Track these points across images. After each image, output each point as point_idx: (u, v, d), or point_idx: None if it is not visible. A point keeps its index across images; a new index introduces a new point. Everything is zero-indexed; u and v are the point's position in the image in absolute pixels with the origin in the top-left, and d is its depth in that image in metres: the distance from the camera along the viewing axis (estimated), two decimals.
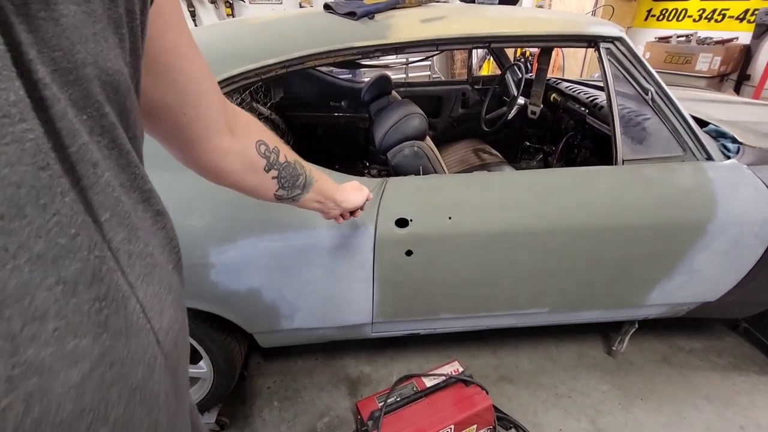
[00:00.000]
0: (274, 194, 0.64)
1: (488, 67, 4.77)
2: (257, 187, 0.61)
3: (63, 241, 0.21)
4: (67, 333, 0.22)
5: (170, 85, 0.43)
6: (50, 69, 0.21)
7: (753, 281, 1.40)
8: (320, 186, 0.73)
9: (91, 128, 0.24)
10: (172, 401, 0.33)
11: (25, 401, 0.20)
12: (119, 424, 0.26)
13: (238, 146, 0.55)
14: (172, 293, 0.33)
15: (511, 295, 1.38)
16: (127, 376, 0.26)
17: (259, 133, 0.59)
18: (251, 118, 0.60)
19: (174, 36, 0.41)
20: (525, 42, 1.32)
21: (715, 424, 1.48)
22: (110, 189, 0.25)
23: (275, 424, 1.50)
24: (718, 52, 3.93)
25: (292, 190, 0.66)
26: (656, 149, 1.30)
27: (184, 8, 3.84)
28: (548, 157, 2.32)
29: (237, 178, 0.57)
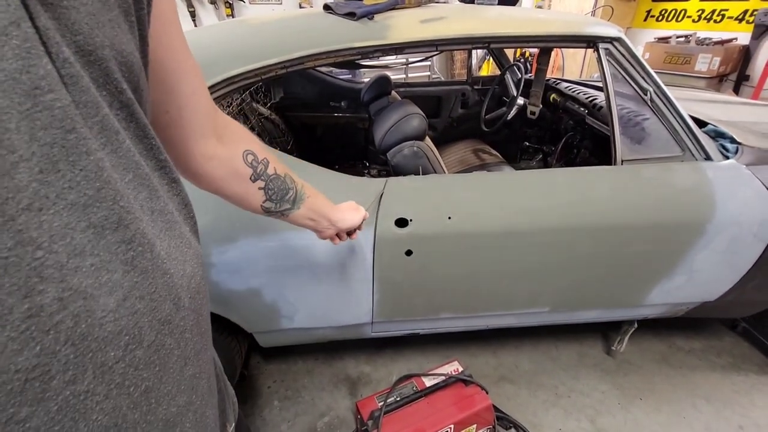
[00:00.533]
0: (261, 205, 0.63)
1: (488, 67, 4.78)
2: (242, 196, 0.60)
3: (90, 192, 0.25)
4: (101, 268, 0.26)
5: (158, 84, 0.43)
6: (73, 50, 0.24)
7: (752, 281, 1.40)
8: (313, 203, 0.72)
9: (111, 102, 0.28)
10: (198, 339, 0.37)
11: (74, 319, 0.25)
12: (153, 349, 0.31)
13: (224, 153, 0.54)
14: (192, 249, 0.37)
15: (510, 295, 1.38)
16: (156, 309, 0.31)
17: (249, 143, 0.58)
18: (243, 129, 0.59)
19: (170, 36, 0.43)
20: (524, 42, 1.32)
21: (714, 424, 1.48)
22: (131, 154, 0.29)
23: (275, 423, 1.50)
24: (718, 52, 3.94)
25: (280, 203, 0.65)
26: (655, 149, 1.31)
27: (184, 8, 3.84)
28: (548, 157, 2.33)
29: (220, 185, 0.57)
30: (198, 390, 0.38)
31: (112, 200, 0.26)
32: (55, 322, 0.24)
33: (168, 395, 0.33)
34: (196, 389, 0.37)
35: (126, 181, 0.29)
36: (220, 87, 1.11)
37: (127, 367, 0.29)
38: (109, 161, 0.27)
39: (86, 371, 0.26)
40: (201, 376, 0.38)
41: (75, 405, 0.26)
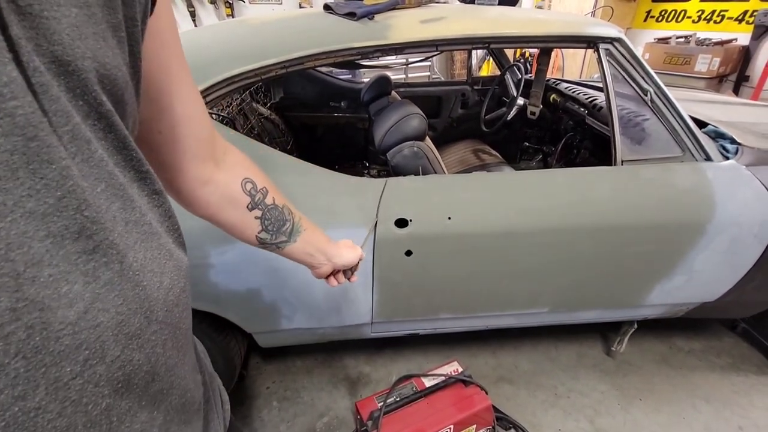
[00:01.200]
0: (256, 236, 0.60)
1: (488, 67, 4.78)
2: (237, 224, 0.58)
3: (51, 200, 0.24)
4: (60, 279, 0.25)
5: (150, 102, 0.43)
6: (48, 59, 0.24)
7: (752, 282, 1.40)
8: (310, 236, 0.69)
9: (87, 113, 0.27)
10: (172, 354, 0.36)
11: (27, 331, 0.24)
12: (117, 365, 0.29)
13: (221, 179, 0.53)
14: (173, 261, 0.35)
15: (510, 295, 1.38)
16: (123, 323, 0.29)
17: (249, 171, 0.57)
18: (244, 156, 0.58)
19: (167, 55, 0.42)
20: (524, 43, 1.32)
21: (714, 425, 1.48)
22: (104, 164, 0.29)
23: (274, 424, 1.50)
24: (717, 53, 3.94)
25: (276, 235, 0.62)
26: (655, 150, 1.31)
27: (184, 8, 3.84)
28: (547, 157, 2.33)
29: (215, 211, 0.55)
30: (163, 405, 0.36)
31: (75, 209, 0.26)
32: (6, 334, 0.23)
33: (129, 412, 0.31)
34: (161, 404, 0.35)
35: (98, 191, 0.28)
36: (220, 87, 1.11)
37: (85, 384, 0.27)
38: (78, 170, 0.26)
39: (38, 387, 0.25)
40: (171, 392, 0.36)
41: (24, 422, 0.25)
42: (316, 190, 1.16)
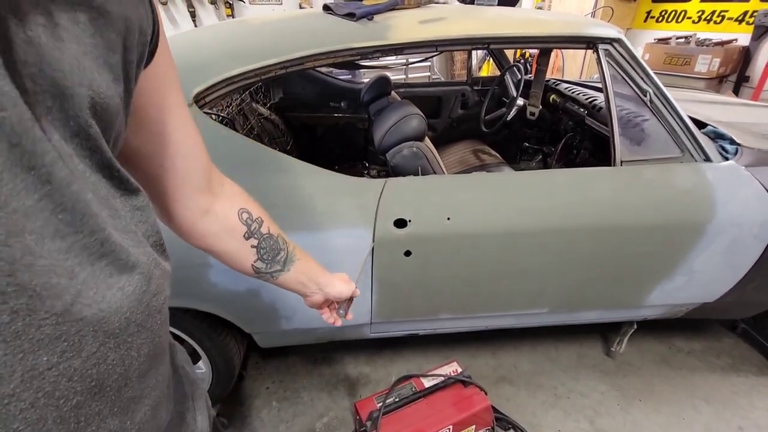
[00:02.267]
0: (252, 265, 0.62)
1: (488, 68, 4.78)
2: (234, 253, 0.59)
3: (29, 202, 0.25)
4: (51, 270, 0.26)
5: (151, 136, 0.45)
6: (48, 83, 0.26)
7: (751, 282, 1.40)
8: (303, 266, 0.70)
9: (75, 132, 0.29)
10: (146, 361, 0.36)
11: (11, 315, 0.25)
12: (92, 361, 0.30)
13: (219, 209, 0.55)
14: (159, 269, 0.36)
15: (509, 296, 1.38)
16: (104, 320, 0.30)
17: (245, 201, 0.59)
18: (239, 188, 0.61)
19: (163, 96, 0.44)
20: (524, 43, 1.32)
21: (714, 425, 1.48)
22: (87, 175, 0.30)
23: (274, 424, 1.50)
24: (717, 53, 3.94)
25: (271, 264, 0.64)
26: (655, 150, 1.31)
27: (184, 8, 3.84)
28: (547, 158, 2.33)
29: (213, 242, 0.57)
30: (135, 415, 0.36)
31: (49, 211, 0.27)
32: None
33: (99, 415, 0.32)
34: (133, 415, 0.35)
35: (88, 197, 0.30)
36: (219, 87, 1.11)
37: (59, 376, 0.28)
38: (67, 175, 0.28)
39: (14, 373, 0.25)
40: (142, 401, 0.37)
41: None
42: (315, 190, 1.16)
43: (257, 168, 1.13)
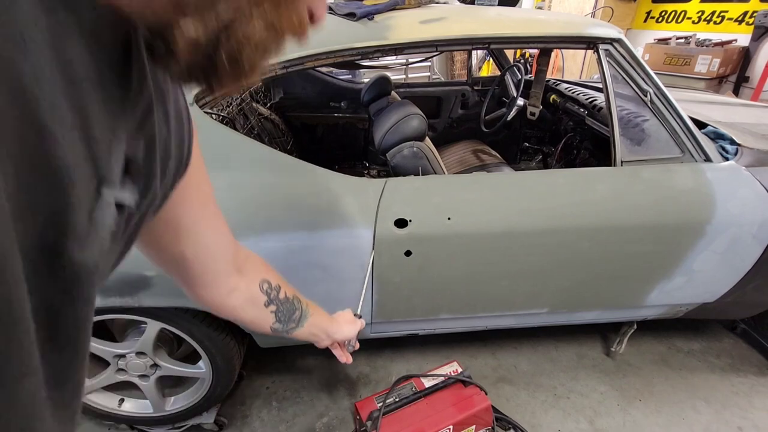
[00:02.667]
0: (270, 327, 0.68)
1: (488, 68, 4.78)
2: (255, 319, 0.65)
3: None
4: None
5: (180, 239, 0.48)
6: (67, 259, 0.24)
7: (751, 282, 1.40)
8: (315, 320, 0.78)
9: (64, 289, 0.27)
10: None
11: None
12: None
13: (244, 285, 0.61)
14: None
15: (509, 296, 1.38)
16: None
17: (265, 273, 0.65)
18: (260, 259, 0.66)
19: (193, 199, 0.47)
20: (524, 43, 1.32)
21: (714, 425, 1.48)
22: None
23: (274, 424, 1.50)
24: (717, 53, 3.94)
25: (287, 323, 0.71)
26: (655, 150, 1.31)
27: None
28: (547, 158, 2.33)
29: (238, 313, 0.63)
30: None
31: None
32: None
33: None
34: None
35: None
36: None
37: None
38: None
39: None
40: None
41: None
42: (316, 190, 1.16)
43: (257, 167, 1.13)
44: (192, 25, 0.27)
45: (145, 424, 1.46)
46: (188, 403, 1.41)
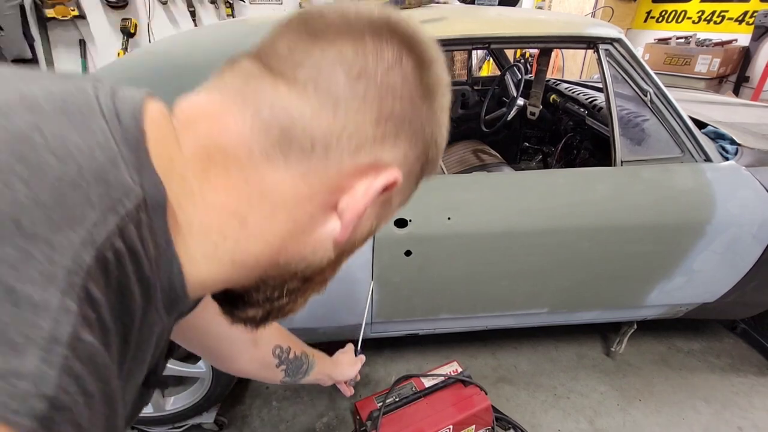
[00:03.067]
0: (281, 380, 0.77)
1: (488, 67, 4.78)
2: (267, 377, 0.75)
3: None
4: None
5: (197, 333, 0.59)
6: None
7: (751, 282, 1.40)
8: (320, 367, 0.87)
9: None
10: None
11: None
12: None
13: (259, 355, 0.68)
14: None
15: (509, 296, 1.38)
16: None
17: (277, 338, 0.73)
18: (273, 325, 0.73)
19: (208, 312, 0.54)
20: (524, 43, 1.32)
21: (714, 426, 1.48)
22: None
23: (274, 424, 1.50)
24: (717, 53, 3.94)
25: (295, 377, 0.80)
26: (655, 150, 1.31)
27: (184, 8, 3.82)
28: (547, 158, 2.33)
29: (253, 374, 0.73)
30: None
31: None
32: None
33: None
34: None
35: None
36: None
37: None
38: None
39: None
40: None
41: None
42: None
43: None
44: (253, 311, 0.39)
45: (145, 424, 1.46)
46: (188, 402, 1.41)
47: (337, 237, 0.35)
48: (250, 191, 0.31)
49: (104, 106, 0.27)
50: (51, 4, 3.37)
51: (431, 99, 0.34)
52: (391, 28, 0.32)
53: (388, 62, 0.31)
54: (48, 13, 3.39)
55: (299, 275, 0.37)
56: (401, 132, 0.33)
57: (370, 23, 0.32)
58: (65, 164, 0.23)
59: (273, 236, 0.33)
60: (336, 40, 0.31)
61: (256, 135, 0.30)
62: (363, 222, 0.36)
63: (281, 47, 0.32)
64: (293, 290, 0.38)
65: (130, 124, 0.28)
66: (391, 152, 0.33)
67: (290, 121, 0.30)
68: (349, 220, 0.33)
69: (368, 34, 0.31)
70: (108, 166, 0.25)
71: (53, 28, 3.56)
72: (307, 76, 0.30)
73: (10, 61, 3.21)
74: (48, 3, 3.36)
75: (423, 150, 0.35)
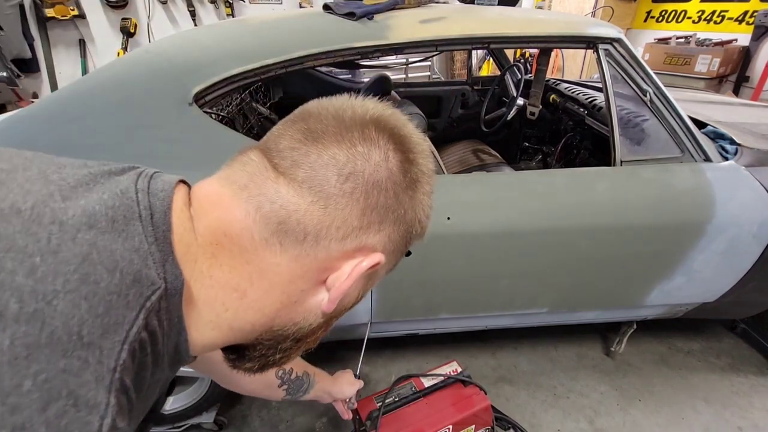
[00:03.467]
0: (282, 398, 0.84)
1: (488, 67, 4.78)
2: (269, 396, 0.82)
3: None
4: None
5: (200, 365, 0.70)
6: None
7: (751, 282, 1.40)
8: (320, 386, 0.92)
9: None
10: None
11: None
12: None
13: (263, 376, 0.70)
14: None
15: (509, 296, 1.38)
16: None
17: None
18: None
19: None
20: (524, 43, 1.32)
21: (714, 425, 1.48)
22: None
23: (274, 423, 1.50)
24: (717, 53, 3.94)
25: (296, 394, 0.85)
26: (654, 150, 1.31)
27: (184, 8, 3.82)
28: (547, 157, 2.32)
29: (255, 393, 0.81)
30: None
31: None
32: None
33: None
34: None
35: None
36: (219, 86, 1.11)
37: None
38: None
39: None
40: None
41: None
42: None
43: None
44: (250, 364, 0.44)
45: None
46: (188, 402, 1.41)
47: (324, 308, 0.40)
48: (250, 270, 0.36)
49: (142, 206, 0.34)
50: (51, 3, 3.36)
51: (414, 189, 0.39)
52: (381, 128, 0.37)
53: (376, 162, 0.36)
54: (48, 13, 3.38)
55: (291, 337, 0.42)
56: (385, 219, 0.38)
57: (362, 125, 0.37)
58: (113, 275, 0.29)
59: (268, 307, 0.38)
60: (330, 145, 0.36)
61: (257, 225, 0.36)
62: (350, 293, 0.41)
63: (284, 146, 0.37)
64: (287, 348, 0.43)
65: (160, 220, 0.34)
66: (375, 237, 0.38)
67: (287, 215, 0.35)
68: (336, 295, 0.39)
69: (359, 138, 0.36)
70: (141, 266, 0.31)
71: (53, 28, 3.56)
72: (304, 176, 0.35)
73: (9, 60, 3.20)
74: (48, 2, 3.36)
75: (406, 230, 0.40)
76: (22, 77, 3.32)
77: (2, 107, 3.36)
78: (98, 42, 3.70)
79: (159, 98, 1.09)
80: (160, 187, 0.37)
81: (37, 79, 3.64)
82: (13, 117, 1.19)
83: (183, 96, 1.07)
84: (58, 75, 3.69)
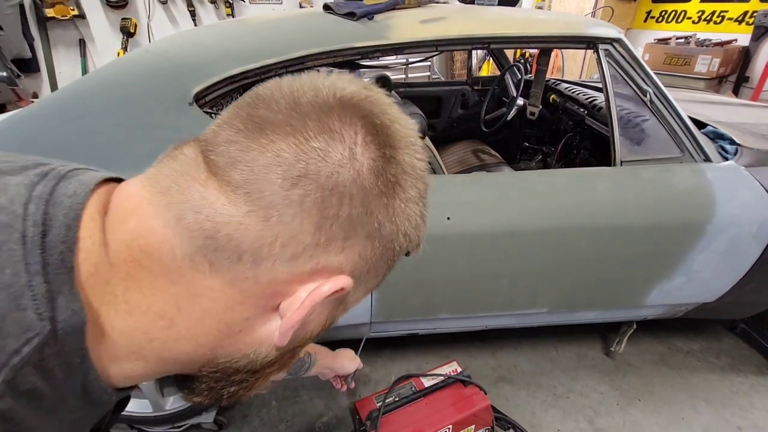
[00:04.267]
0: (283, 378, 0.81)
1: (488, 67, 4.78)
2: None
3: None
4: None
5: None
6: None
7: (751, 282, 1.40)
8: (321, 362, 0.91)
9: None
10: None
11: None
12: None
13: None
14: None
15: (509, 296, 1.38)
16: None
17: None
18: None
19: None
20: (524, 43, 1.32)
21: (713, 425, 1.48)
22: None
23: (273, 423, 1.50)
24: (717, 53, 3.94)
25: (297, 373, 0.85)
26: (654, 150, 1.31)
27: (184, 8, 3.82)
28: (547, 158, 2.33)
29: None
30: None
31: None
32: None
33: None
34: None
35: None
36: (219, 86, 1.11)
37: None
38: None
39: None
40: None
41: None
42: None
43: None
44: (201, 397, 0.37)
45: (144, 424, 1.46)
46: (188, 402, 1.41)
47: (276, 342, 0.33)
48: (177, 293, 0.30)
49: (30, 222, 0.26)
50: (51, 3, 3.36)
51: (391, 195, 0.31)
52: (349, 114, 0.29)
53: (336, 161, 0.28)
54: (48, 13, 3.38)
55: (243, 370, 0.35)
56: (352, 235, 0.30)
57: (323, 112, 0.29)
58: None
59: (204, 337, 0.32)
60: (277, 138, 0.28)
61: (179, 240, 0.28)
62: (312, 320, 0.34)
63: (222, 138, 0.29)
64: (241, 380, 0.36)
65: (56, 239, 0.27)
66: (338, 256, 0.30)
67: (214, 229, 0.28)
68: (286, 328, 0.31)
69: (315, 129, 0.28)
70: (10, 309, 0.25)
71: (53, 28, 3.56)
72: (240, 178, 0.27)
73: (9, 60, 3.20)
74: (48, 2, 3.36)
75: (385, 246, 0.33)
76: (22, 77, 3.32)
77: (2, 107, 3.36)
78: (98, 42, 3.70)
79: (159, 98, 1.09)
80: (71, 191, 0.29)
81: (37, 79, 3.64)
82: (13, 117, 1.19)
83: (183, 96, 1.08)
84: (58, 75, 3.69)
